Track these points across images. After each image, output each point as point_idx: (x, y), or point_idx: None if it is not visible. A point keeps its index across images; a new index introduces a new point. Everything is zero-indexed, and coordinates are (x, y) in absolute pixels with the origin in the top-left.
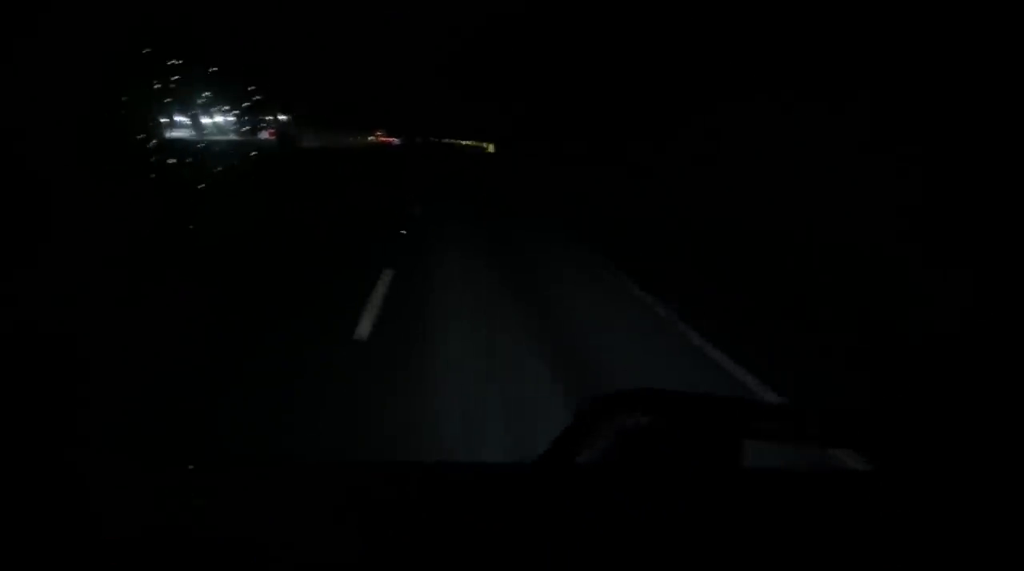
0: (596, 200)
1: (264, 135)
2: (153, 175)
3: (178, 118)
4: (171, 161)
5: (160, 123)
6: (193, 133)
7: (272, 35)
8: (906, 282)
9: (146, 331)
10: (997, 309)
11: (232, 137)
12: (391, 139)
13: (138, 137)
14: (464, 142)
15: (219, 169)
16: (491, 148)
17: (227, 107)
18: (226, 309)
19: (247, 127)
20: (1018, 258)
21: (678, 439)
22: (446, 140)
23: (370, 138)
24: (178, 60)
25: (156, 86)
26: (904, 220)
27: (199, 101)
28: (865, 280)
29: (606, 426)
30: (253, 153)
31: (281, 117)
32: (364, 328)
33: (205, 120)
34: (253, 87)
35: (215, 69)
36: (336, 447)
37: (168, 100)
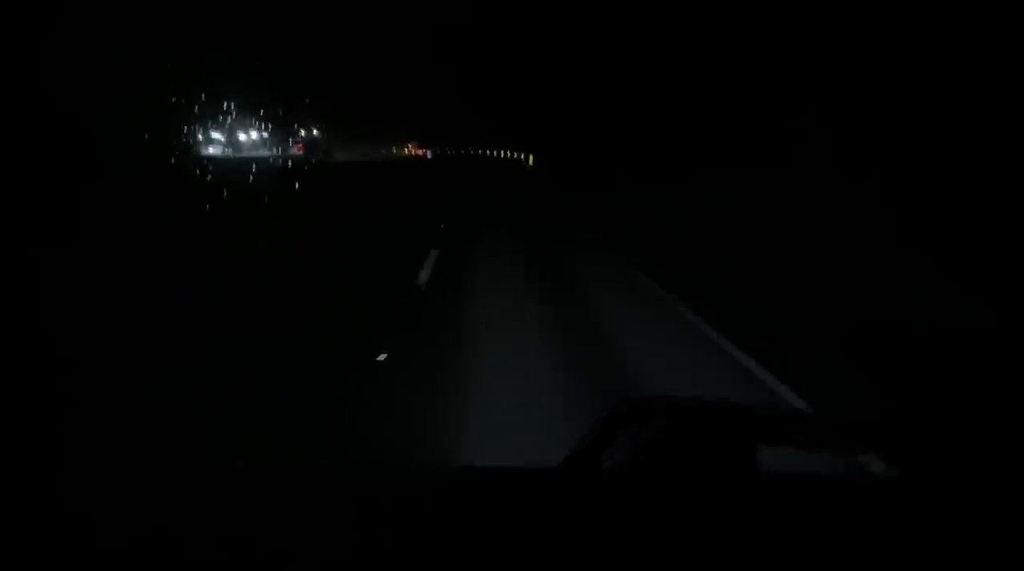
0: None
1: (293, 150)
2: (198, 171)
3: (215, 134)
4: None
5: (197, 139)
6: (229, 150)
7: (289, 44)
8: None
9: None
10: (988, 306)
11: (265, 152)
12: (424, 151)
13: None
14: (500, 153)
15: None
16: (530, 161)
17: (259, 121)
18: None
19: (281, 142)
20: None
21: (695, 446)
22: (481, 151)
23: (405, 151)
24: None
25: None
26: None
27: (232, 115)
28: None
29: (625, 433)
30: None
31: (315, 132)
32: None
33: (242, 137)
34: (286, 94)
35: (255, 64)
36: None
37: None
